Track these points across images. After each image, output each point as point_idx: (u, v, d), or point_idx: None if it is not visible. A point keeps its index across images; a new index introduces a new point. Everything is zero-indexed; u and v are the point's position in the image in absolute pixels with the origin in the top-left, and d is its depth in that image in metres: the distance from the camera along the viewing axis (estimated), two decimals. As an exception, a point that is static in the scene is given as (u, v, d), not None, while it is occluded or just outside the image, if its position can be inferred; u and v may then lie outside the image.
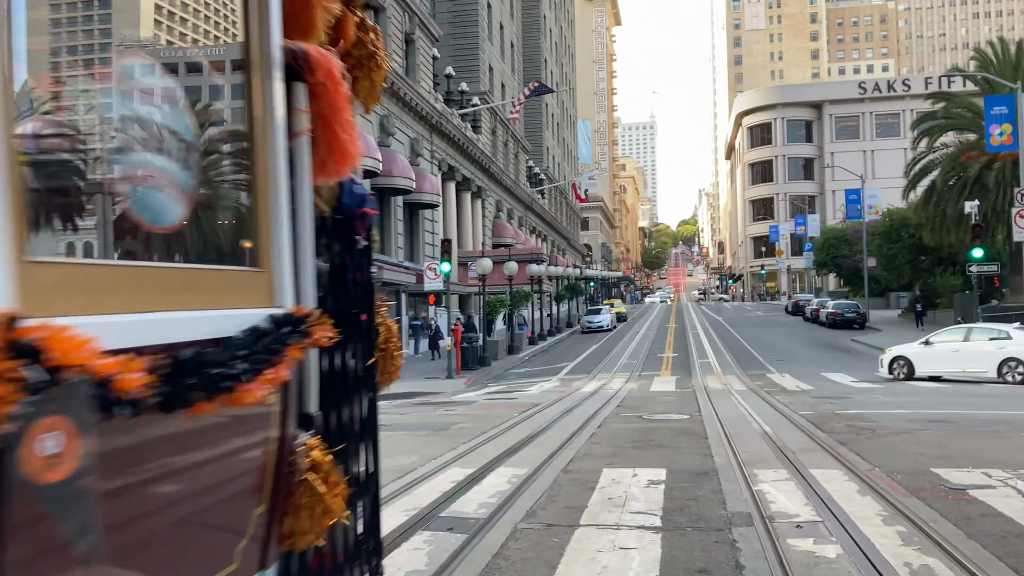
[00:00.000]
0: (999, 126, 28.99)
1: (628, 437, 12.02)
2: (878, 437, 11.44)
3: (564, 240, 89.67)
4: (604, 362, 32.12)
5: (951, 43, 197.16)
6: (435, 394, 22.98)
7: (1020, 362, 21.23)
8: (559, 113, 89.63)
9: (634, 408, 16.53)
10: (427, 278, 27.75)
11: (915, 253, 49.63)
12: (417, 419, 15.60)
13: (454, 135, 43.53)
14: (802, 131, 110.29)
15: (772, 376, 25.03)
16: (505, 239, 54.80)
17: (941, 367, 22.92)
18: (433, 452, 10.92)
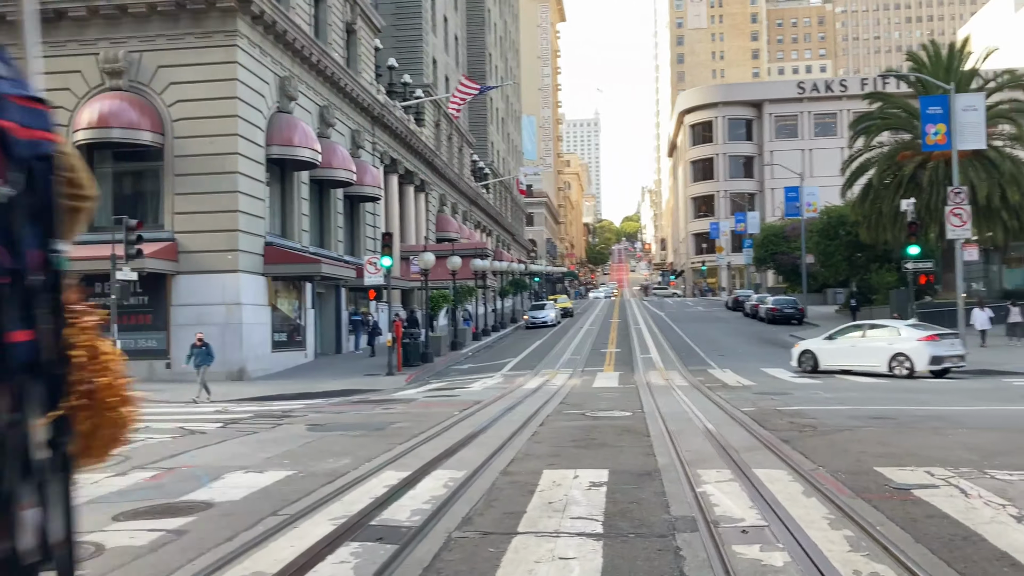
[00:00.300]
0: (934, 126, 29.53)
1: (570, 436, 11.74)
2: (820, 435, 11.36)
3: (509, 235, 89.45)
4: (548, 358, 31.92)
5: (885, 46, 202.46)
6: (374, 391, 22.47)
7: (907, 357, 22.28)
8: (504, 108, 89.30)
9: (577, 405, 16.29)
10: (367, 272, 27.16)
11: (852, 250, 50.54)
12: (354, 418, 15.10)
13: (397, 127, 42.86)
14: (743, 129, 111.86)
15: (713, 372, 25.09)
16: (449, 234, 54.29)
17: (841, 361, 23.89)
18: (368, 454, 10.47)
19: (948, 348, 22.64)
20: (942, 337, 22.87)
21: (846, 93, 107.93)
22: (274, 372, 28.16)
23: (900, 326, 23.89)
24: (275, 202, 30.78)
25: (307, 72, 31.88)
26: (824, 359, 24.36)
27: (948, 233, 29.23)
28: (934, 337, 22.65)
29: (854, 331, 24.90)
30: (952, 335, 23.71)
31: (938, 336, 22.84)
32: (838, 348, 24.24)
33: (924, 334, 22.77)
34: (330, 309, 35.21)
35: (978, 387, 18.73)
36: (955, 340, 23.37)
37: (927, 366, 22.13)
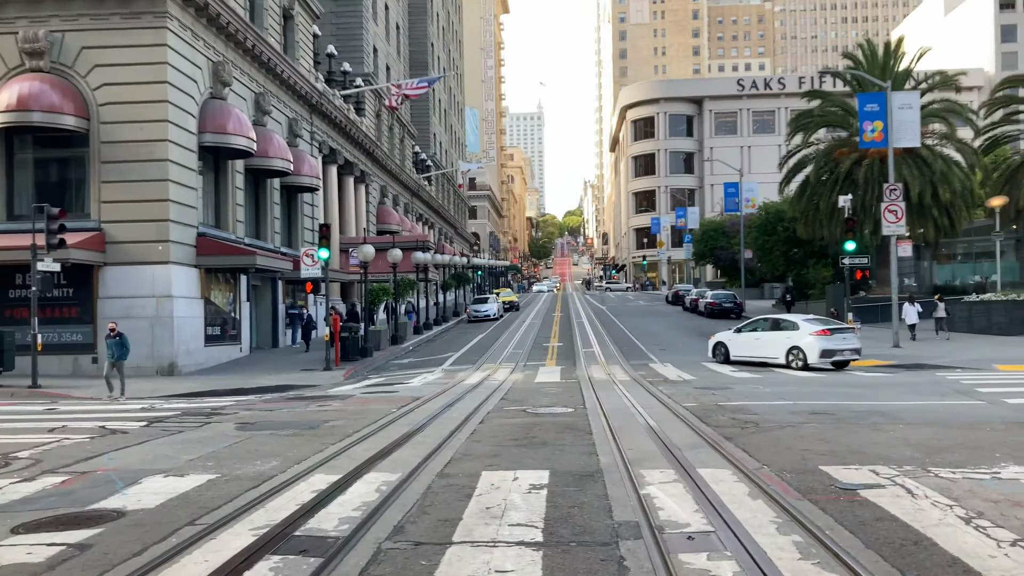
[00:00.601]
0: (871, 123, 29.99)
1: (511, 434, 11.39)
2: (763, 431, 11.22)
3: (452, 228, 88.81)
4: (490, 352, 31.57)
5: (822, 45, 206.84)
6: (310, 387, 21.84)
7: (801, 350, 23.43)
8: (446, 99, 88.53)
9: (518, 401, 15.97)
10: (304, 265, 26.41)
11: (789, 246, 51.28)
12: (286, 416, 14.52)
13: (336, 116, 41.95)
14: (683, 126, 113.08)
15: (655, 366, 25.04)
16: (390, 226, 53.51)
17: (747, 352, 25.11)
18: (298, 455, 9.97)
19: (840, 342, 23.51)
20: (834, 332, 23.76)
21: (784, 91, 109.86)
22: (207, 367, 27.26)
23: (799, 321, 24.80)
24: (208, 192, 29.77)
25: (242, 57, 30.89)
26: (734, 350, 25.58)
27: (883, 229, 29.74)
28: (826, 332, 23.57)
29: (760, 325, 26.00)
30: (847, 330, 24.55)
31: (830, 331, 23.73)
32: (744, 340, 25.46)
33: (816, 329, 23.72)
34: (266, 302, 34.27)
35: (914, 381, 18.95)
36: (848, 335, 24.12)
37: (818, 359, 23.06)
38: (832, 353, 23.34)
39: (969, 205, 40.74)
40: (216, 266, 27.84)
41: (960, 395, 15.41)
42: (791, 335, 24.12)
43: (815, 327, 23.92)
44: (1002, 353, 26.11)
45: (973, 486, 7.48)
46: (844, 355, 23.52)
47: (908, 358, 25.74)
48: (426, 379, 22.57)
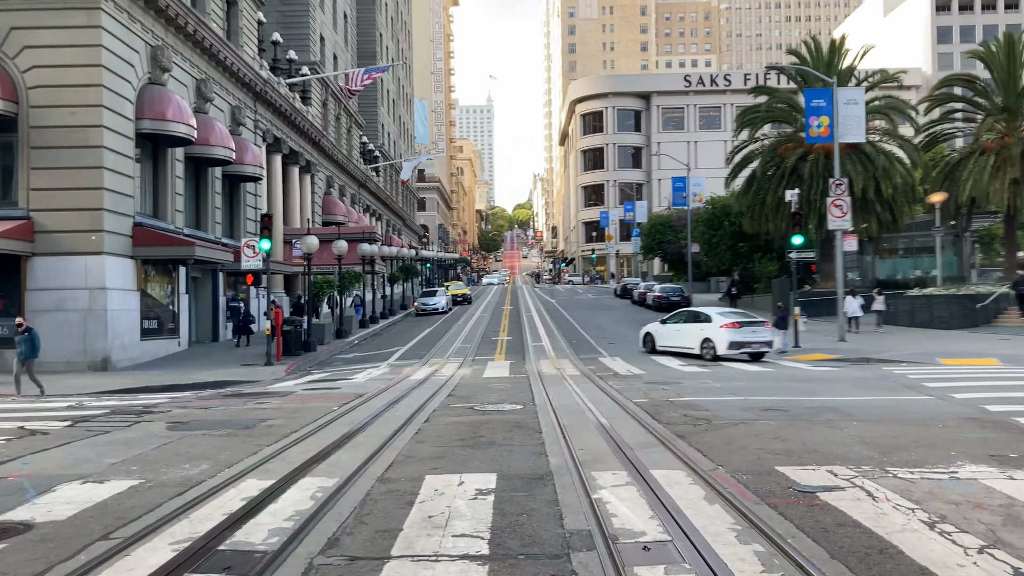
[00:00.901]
0: (817, 118, 30.19)
1: (457, 433, 10.95)
2: (715, 429, 10.96)
3: (400, 220, 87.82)
4: (437, 346, 31.05)
5: (766, 43, 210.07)
6: (250, 383, 21.11)
7: (712, 341, 24.75)
8: (395, 90, 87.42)
9: (465, 397, 15.53)
10: (244, 256, 25.54)
11: (735, 240, 51.69)
12: (221, 415, 13.86)
13: (281, 105, 40.91)
14: (631, 120, 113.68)
15: (604, 360, 24.82)
16: (336, 217, 52.53)
17: (670, 343, 26.64)
18: (230, 458, 9.39)
19: (750, 335, 24.50)
20: (743, 325, 24.72)
21: (730, 87, 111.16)
22: (143, 362, 26.28)
23: (713, 314, 25.85)
24: (146, 180, 28.70)
25: (182, 42, 29.80)
26: (659, 341, 27.16)
27: (829, 224, 29.97)
28: (735, 325, 24.65)
29: (682, 317, 27.25)
30: (758, 323, 25.28)
31: (739, 324, 24.73)
32: (668, 331, 26.93)
33: (726, 321, 24.87)
34: (207, 295, 33.24)
35: (861, 375, 18.99)
36: (759, 328, 24.95)
37: (727, 350, 24.24)
38: (740, 345, 24.38)
39: (910, 201, 41.40)
40: (153, 257, 26.85)
41: (908, 390, 15.42)
42: (704, 327, 25.33)
43: (726, 320, 25.04)
44: (944, 347, 26.49)
45: (932, 487, 7.27)
46: (753, 347, 24.42)
47: (853, 352, 25.97)
48: (371, 375, 21.99)
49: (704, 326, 25.42)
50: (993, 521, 6.15)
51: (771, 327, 26.03)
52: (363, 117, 69.44)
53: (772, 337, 25.31)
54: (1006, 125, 40.73)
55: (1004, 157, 38.96)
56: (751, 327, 24.81)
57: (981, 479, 7.58)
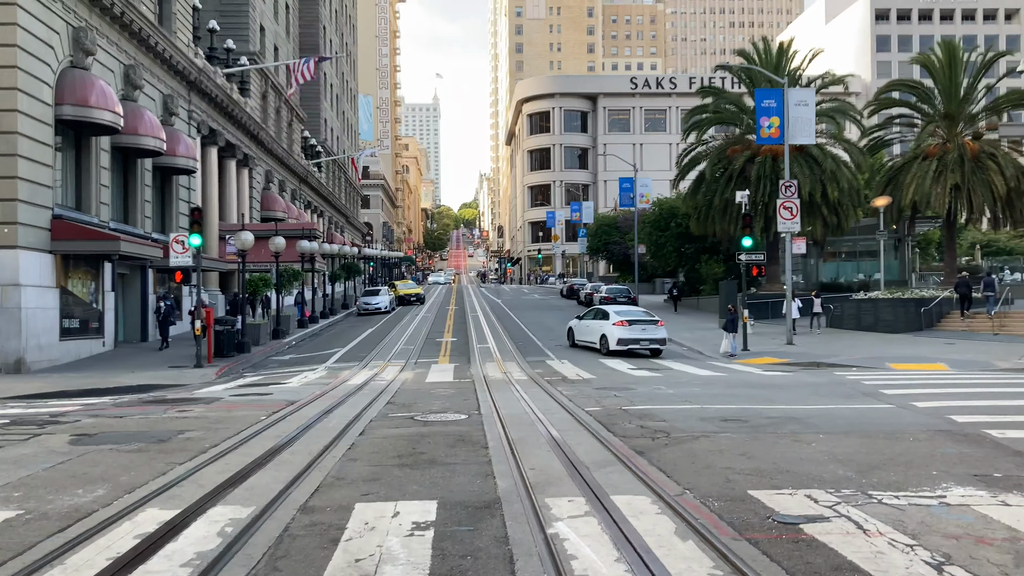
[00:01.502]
0: (768, 119, 29.86)
1: (394, 449, 9.94)
2: (676, 443, 10.15)
3: (343, 217, 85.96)
4: (379, 348, 29.88)
5: (711, 48, 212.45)
6: (176, 387, 19.75)
7: (607, 337, 27.03)
8: (339, 84, 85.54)
9: (406, 405, 14.51)
10: (173, 252, 24.06)
11: (682, 241, 51.43)
12: (136, 425, 12.60)
13: (217, 95, 39.19)
14: (578, 121, 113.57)
15: (552, 363, 24.00)
16: (275, 213, 50.78)
17: (583, 338, 29.03)
18: (134, 480, 8.24)
19: (638, 333, 26.72)
20: (632, 323, 26.94)
21: (675, 91, 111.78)
22: (62, 364, 24.61)
23: (611, 312, 28.10)
24: (68, 170, 26.97)
25: (108, 25, 28.10)
26: (576, 335, 29.73)
27: (778, 226, 29.64)
28: (624, 323, 26.93)
29: (592, 314, 29.44)
30: (650, 322, 27.18)
31: (627, 323, 26.96)
32: (581, 327, 29.47)
33: (618, 320, 27.15)
34: (135, 293, 31.53)
35: (815, 381, 18.48)
36: (649, 326, 26.99)
37: (616, 346, 26.55)
38: (627, 342, 26.55)
39: (855, 204, 41.54)
40: (75, 252, 25.16)
41: (867, 398, 14.87)
42: (603, 324, 27.68)
43: (618, 318, 27.24)
44: (892, 351, 26.31)
45: (925, 516, 6.53)
46: (642, 344, 26.70)
47: (802, 356, 25.62)
48: (306, 378, 20.79)
49: (603, 323, 27.69)
50: (1003, 561, 5.41)
51: (664, 325, 28.02)
52: (305, 111, 67.59)
53: (663, 335, 27.20)
54: (947, 131, 41.16)
55: (945, 162, 39.32)
56: (641, 325, 26.84)
57: (974, 505, 6.88)
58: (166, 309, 27.67)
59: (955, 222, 42.17)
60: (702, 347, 29.15)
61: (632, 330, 26.61)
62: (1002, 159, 39.18)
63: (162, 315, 27.70)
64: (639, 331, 26.65)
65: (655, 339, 26.78)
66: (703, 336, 32.88)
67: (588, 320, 29.01)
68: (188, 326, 27.80)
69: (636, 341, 26.46)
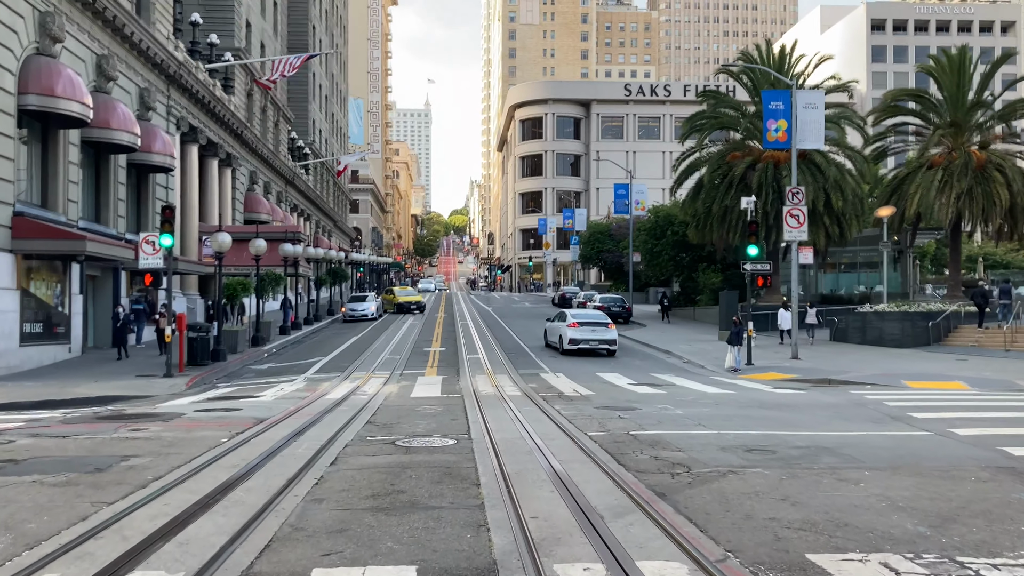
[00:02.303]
0: (775, 122, 28.51)
1: (369, 486, 8.42)
2: (701, 481, 8.67)
3: (331, 221, 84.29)
4: (363, 357, 28.32)
5: (704, 57, 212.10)
6: (140, 399, 18.17)
7: (563, 338, 29.76)
8: (328, 86, 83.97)
9: (387, 426, 12.98)
10: (143, 253, 22.46)
11: (678, 250, 50.05)
12: (77, 448, 11.03)
13: (198, 91, 37.61)
14: (571, 128, 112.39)
15: (546, 376, 22.50)
16: (259, 215, 49.21)
17: (550, 338, 32.10)
18: (44, 528, 6.69)
19: (588, 334, 29.52)
20: (582, 325, 29.85)
21: (670, 98, 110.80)
22: (23, 371, 22.97)
23: (568, 315, 31.07)
24: (33, 165, 25.38)
25: (80, 12, 26.53)
26: (547, 336, 32.79)
27: (785, 235, 28.32)
28: (576, 325, 29.82)
29: (559, 316, 32.00)
30: (601, 324, 29.98)
31: (578, 324, 29.89)
32: (550, 328, 32.53)
33: (572, 321, 30.07)
34: (106, 296, 29.91)
35: (833, 401, 17.05)
36: (599, 328, 29.74)
37: (568, 345, 29.28)
38: (579, 342, 29.30)
39: (859, 214, 40.22)
40: (37, 252, 23.54)
41: (897, 423, 13.43)
42: (560, 326, 30.66)
43: (572, 320, 30.17)
44: (903, 367, 24.93)
45: (1046, 599, 5.08)
46: (591, 344, 29.30)
47: (810, 371, 24.20)
48: (282, 391, 19.22)
49: (560, 325, 30.70)
50: None
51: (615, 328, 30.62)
52: (293, 112, 66.00)
53: (613, 336, 29.71)
54: (953, 140, 39.92)
55: (951, 172, 38.05)
56: (591, 327, 29.71)
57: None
58: (124, 316, 25.75)
59: (959, 233, 40.94)
60: (703, 360, 27.74)
61: (583, 331, 29.53)
62: (1009, 170, 37.95)
63: (120, 321, 25.72)
64: (590, 332, 29.52)
65: (604, 340, 29.47)
66: (702, 349, 31.47)
67: (555, 322, 31.79)
68: (154, 333, 25.95)
69: (587, 341, 29.24)
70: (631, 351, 31.84)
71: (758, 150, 41.43)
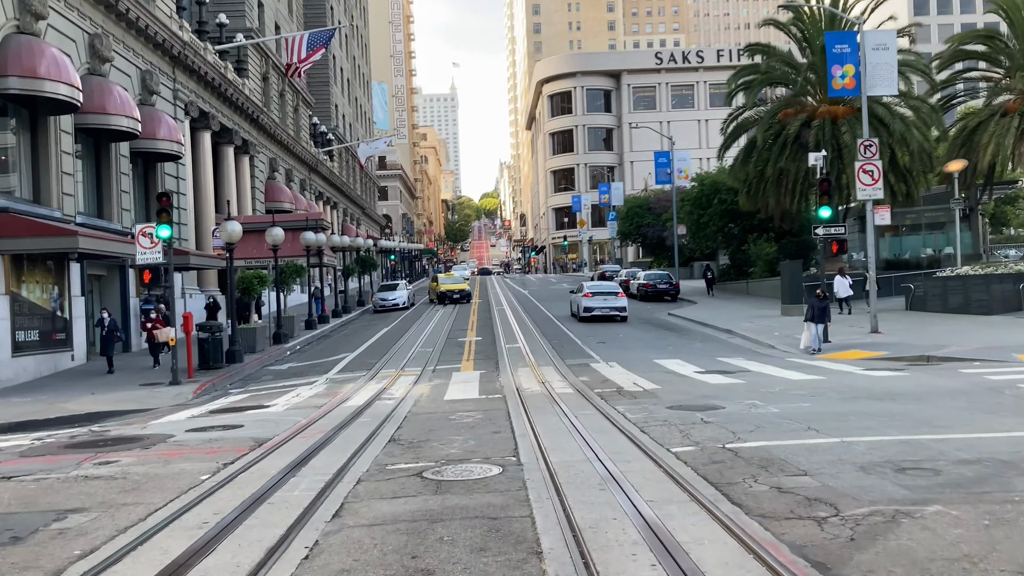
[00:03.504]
0: (841, 67, 25.25)
1: (382, 562, 5.76)
2: (867, 535, 5.86)
3: (359, 209, 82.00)
4: (392, 351, 25.76)
5: (734, 23, 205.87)
6: (135, 414, 15.78)
7: (579, 306, 33.51)
8: (350, 69, 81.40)
9: (414, 445, 10.35)
10: (140, 247, 20.03)
11: (726, 220, 46.80)
12: (11, 496, 8.50)
13: (207, 73, 35.16)
14: (601, 101, 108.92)
15: (598, 367, 19.73)
16: (282, 204, 46.82)
17: (573, 309, 35.46)
18: None
19: (600, 303, 32.82)
20: (595, 295, 33.22)
21: (703, 64, 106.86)
22: (16, 384, 20.70)
23: (585, 286, 34.85)
24: (21, 154, 23.05)
25: (66, -15, 24.11)
26: (571, 307, 35.86)
27: (858, 193, 25.17)
28: (589, 295, 33.26)
29: (576, 289, 35.92)
30: (611, 294, 33.41)
31: (592, 294, 33.33)
32: (571, 300, 36.36)
33: (587, 291, 33.60)
34: (114, 296, 27.69)
35: (950, 385, 14.08)
36: (610, 297, 33.09)
37: (582, 313, 32.79)
38: (591, 310, 32.65)
39: (927, 170, 36.76)
40: (24, 250, 21.18)
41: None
42: (578, 296, 34.33)
43: (587, 290, 33.74)
44: (1003, 337, 21.76)
45: None
46: (601, 311, 32.50)
47: (899, 347, 21.10)
48: (298, 397, 16.69)
49: (578, 295, 34.36)
50: None
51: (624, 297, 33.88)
52: (314, 97, 63.54)
53: (623, 304, 32.87)
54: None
55: (1029, 118, 34.45)
56: (603, 297, 33.11)
57: None
58: (110, 323, 23.07)
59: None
60: (770, 339, 24.73)
61: (596, 300, 32.92)
62: (1095, 112, 34.25)
63: (106, 329, 23.01)
64: (602, 301, 32.85)
65: (615, 307, 32.65)
66: (767, 326, 28.44)
67: (575, 295, 35.28)
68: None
69: (600, 308, 32.56)
70: (688, 332, 28.94)
71: (812, 106, 38.04)
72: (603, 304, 32.54)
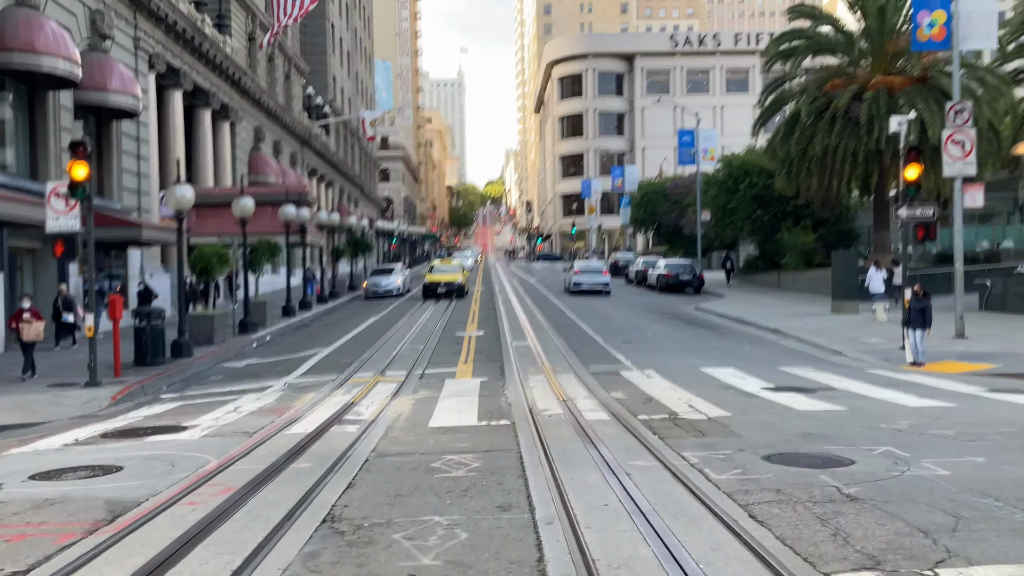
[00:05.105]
0: (929, 14, 20.76)
1: None
2: None
3: (357, 188, 77.58)
4: (376, 347, 21.41)
5: (749, 9, 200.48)
6: (7, 431, 11.51)
7: (569, 282, 39.50)
8: (350, 40, 76.75)
9: (361, 543, 6.05)
10: (50, 211, 15.73)
11: (755, 206, 42.29)
12: None
13: (177, 22, 30.75)
14: (613, 84, 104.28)
15: (631, 376, 15.37)
16: (268, 177, 42.53)
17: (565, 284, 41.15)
18: None
19: (586, 279, 38.46)
20: (583, 272, 39.26)
21: (720, 48, 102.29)
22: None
23: (576, 264, 41.69)
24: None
25: None
26: (564, 285, 40.32)
27: (945, 169, 20.77)
28: (577, 272, 39.37)
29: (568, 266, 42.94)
30: (596, 271, 39.76)
31: (580, 271, 39.51)
32: (564, 278, 42.43)
33: (576, 268, 40.13)
34: (49, 275, 23.40)
35: None
36: (596, 274, 39.12)
37: (572, 288, 38.26)
38: (579, 285, 38.13)
39: (993, 152, 32.22)
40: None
41: None
42: (569, 274, 40.42)
43: (577, 267, 40.50)
44: None
45: None
46: (587, 286, 37.97)
47: (1006, 358, 16.71)
48: (236, 412, 12.36)
49: (569, 273, 40.08)
50: None
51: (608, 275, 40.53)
52: (309, 65, 59.01)
53: (607, 280, 38.95)
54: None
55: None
56: (589, 274, 39.13)
57: None
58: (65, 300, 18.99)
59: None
60: (827, 341, 20.38)
61: (583, 276, 38.64)
62: None
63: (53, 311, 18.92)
64: (587, 277, 38.60)
65: (599, 282, 38.39)
66: (820, 325, 24.06)
67: (567, 273, 41.19)
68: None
69: (583, 284, 38.18)
70: (727, 331, 24.57)
71: (864, 76, 33.49)
72: (589, 279, 38.37)
